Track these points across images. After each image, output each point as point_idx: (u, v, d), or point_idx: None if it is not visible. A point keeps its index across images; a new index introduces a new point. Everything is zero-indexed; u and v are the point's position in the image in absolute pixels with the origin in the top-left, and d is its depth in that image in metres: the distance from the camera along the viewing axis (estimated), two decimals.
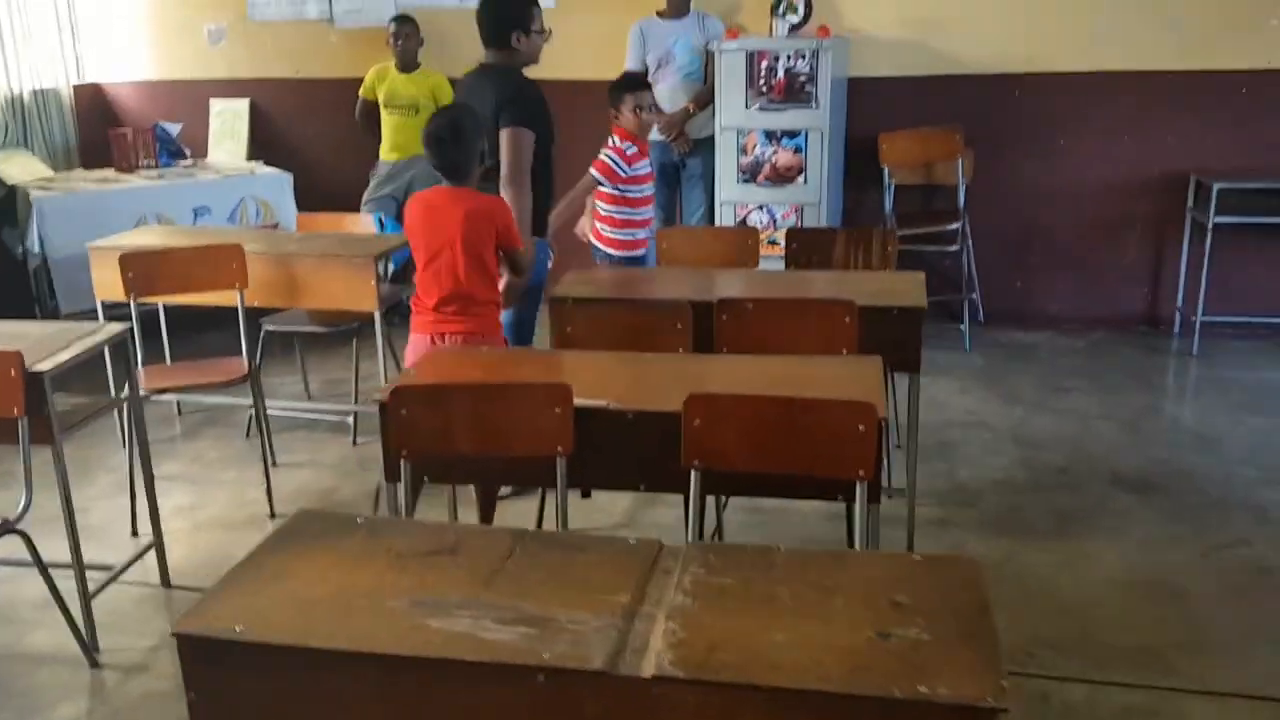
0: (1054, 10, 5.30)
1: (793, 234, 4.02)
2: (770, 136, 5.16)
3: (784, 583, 1.68)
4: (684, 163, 5.50)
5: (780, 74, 5.12)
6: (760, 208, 5.24)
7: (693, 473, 2.30)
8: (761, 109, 5.14)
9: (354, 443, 4.36)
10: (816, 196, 5.10)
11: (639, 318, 3.13)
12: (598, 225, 4.34)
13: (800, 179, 5.12)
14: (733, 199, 5.27)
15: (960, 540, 3.45)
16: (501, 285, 3.30)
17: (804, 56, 5.08)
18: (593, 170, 4.19)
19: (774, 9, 5.42)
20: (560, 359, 2.93)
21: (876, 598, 1.61)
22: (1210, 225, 4.99)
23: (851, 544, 3.06)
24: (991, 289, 5.56)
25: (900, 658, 1.46)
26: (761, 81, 5.14)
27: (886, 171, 5.47)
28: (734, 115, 5.19)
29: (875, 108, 5.55)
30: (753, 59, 5.14)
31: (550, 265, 3.90)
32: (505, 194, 3.44)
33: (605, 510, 3.61)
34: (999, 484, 3.86)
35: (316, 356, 5.21)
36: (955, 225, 5.30)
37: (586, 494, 3.33)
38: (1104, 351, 5.25)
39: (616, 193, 4.22)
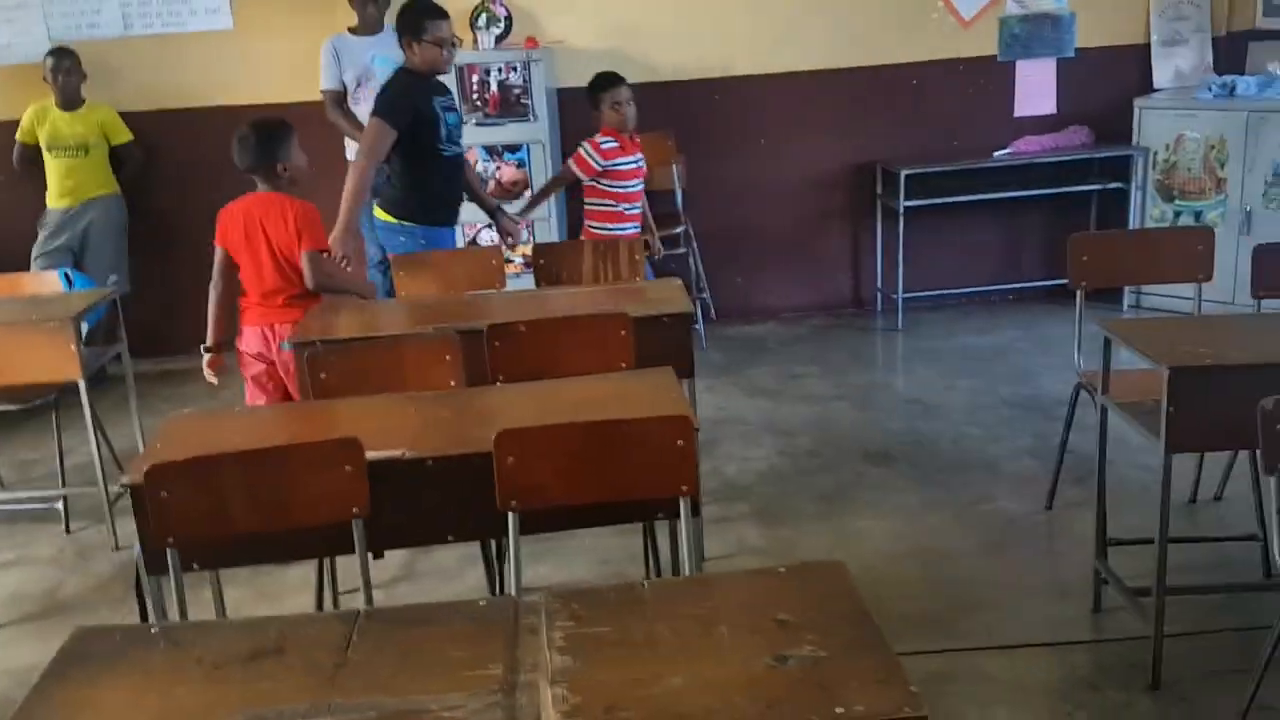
0: (741, 17, 5.55)
1: (540, 250, 3.95)
2: (491, 152, 5.06)
3: (660, 620, 1.60)
4: None
5: (493, 87, 5.02)
6: (490, 226, 5.10)
7: (510, 515, 2.17)
8: (479, 124, 5.03)
9: (67, 530, 3.82)
10: (546, 210, 5.05)
11: (402, 354, 2.94)
12: (585, 222, 4.47)
13: (527, 194, 5.05)
14: (460, 219, 5.09)
15: (743, 536, 3.52)
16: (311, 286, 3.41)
17: (515, 69, 5.02)
18: (569, 162, 4.44)
19: (473, 22, 5.32)
20: (332, 410, 2.68)
21: (759, 620, 1.57)
22: (901, 210, 5.42)
23: (656, 562, 3.07)
24: (717, 287, 5.76)
25: (806, 681, 1.42)
26: (475, 96, 5.01)
27: None
28: None
29: (585, 118, 5.56)
30: (463, 73, 5.00)
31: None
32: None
33: (374, 566, 3.36)
34: (764, 475, 3.99)
35: (1, 438, 4.53)
36: (679, 229, 5.43)
37: (379, 555, 3.08)
38: (824, 336, 5.57)
39: (595, 185, 4.39)
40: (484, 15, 5.24)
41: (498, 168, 5.07)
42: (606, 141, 4.38)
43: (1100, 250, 3.65)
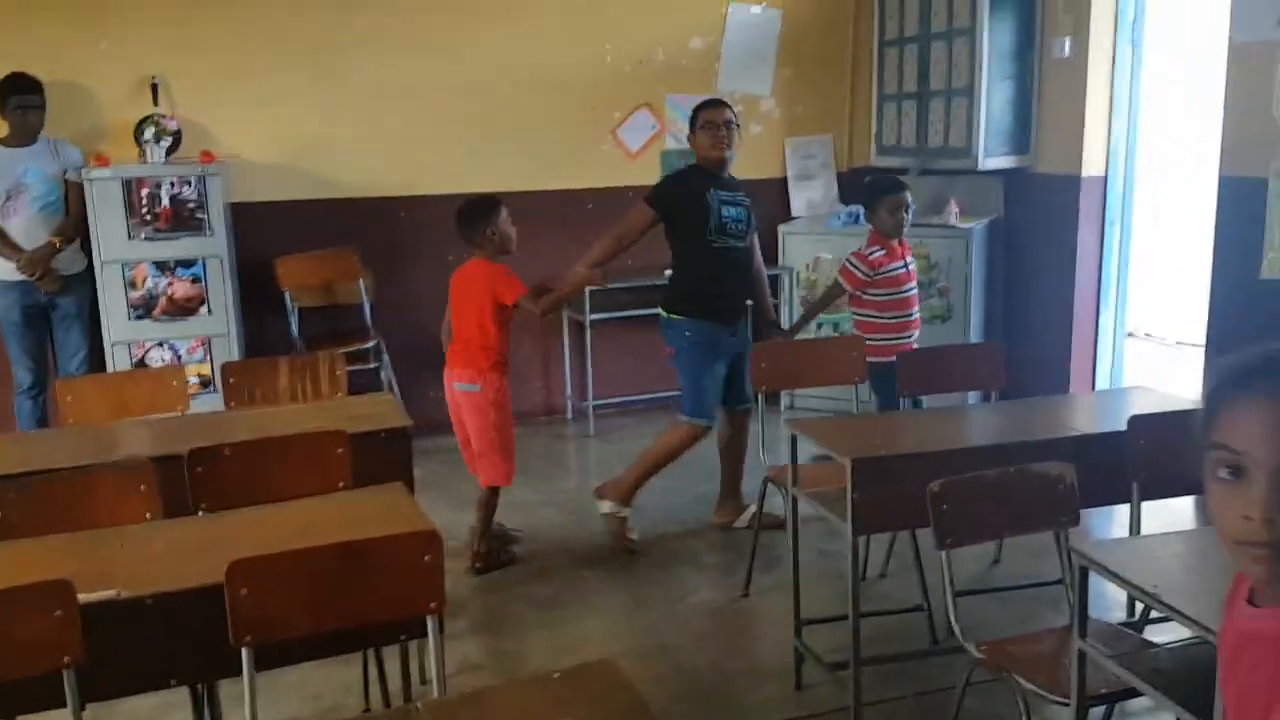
0: (424, 139, 5.65)
1: (230, 368, 3.74)
2: (162, 267, 4.76)
3: None
4: (55, 303, 4.82)
5: (165, 201, 4.75)
6: (161, 344, 4.78)
7: (244, 651, 2.02)
8: (148, 238, 4.74)
9: None
10: (225, 327, 4.81)
11: (91, 486, 2.67)
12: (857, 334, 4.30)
13: (203, 309, 4.79)
14: (126, 338, 4.75)
15: (465, 652, 3.46)
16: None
17: (189, 183, 4.79)
18: (837, 276, 4.31)
19: (138, 136, 5.04)
20: (25, 551, 2.37)
21: None
22: (587, 322, 5.67)
23: (384, 690, 2.94)
24: (413, 400, 5.68)
25: None
26: (144, 210, 4.72)
27: (289, 295, 5.34)
28: (115, 247, 4.71)
29: (264, 231, 5.41)
30: (130, 186, 4.72)
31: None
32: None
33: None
34: (479, 588, 3.95)
35: None
36: (370, 344, 5.35)
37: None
38: (521, 444, 5.57)
39: (861, 296, 4.25)
40: (152, 129, 4.97)
41: (170, 283, 4.78)
42: (874, 251, 4.24)
43: (775, 357, 4.02)
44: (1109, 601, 3.35)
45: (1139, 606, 2.89)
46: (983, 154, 5.39)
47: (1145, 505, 2.89)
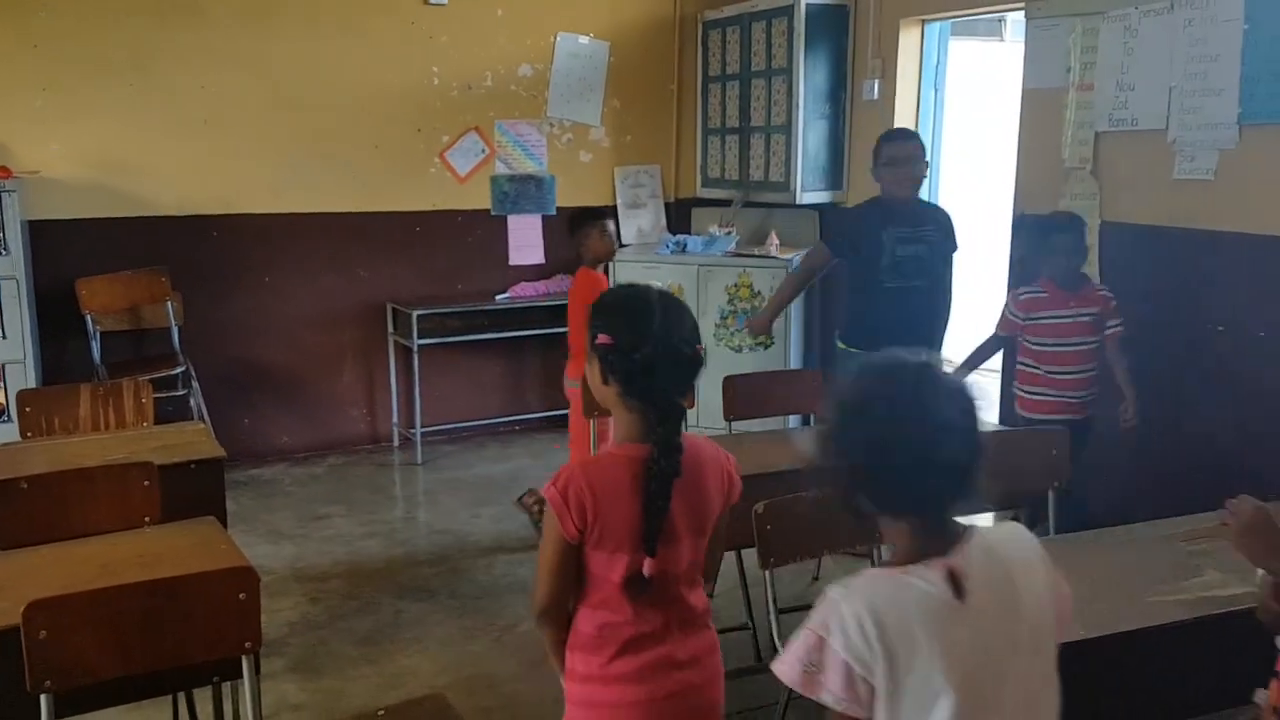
0: (240, 157, 5.44)
1: (26, 396, 3.49)
2: None
3: None
4: None
5: None
6: None
7: (44, 699, 1.89)
8: None
9: None
10: (20, 352, 4.48)
11: None
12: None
13: None
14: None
15: (283, 693, 3.31)
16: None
17: None
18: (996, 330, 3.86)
19: None
20: None
21: None
22: (415, 347, 5.57)
23: None
24: (223, 428, 5.42)
25: None
26: None
27: (90, 318, 5.03)
28: None
29: (65, 251, 5.09)
30: None
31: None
32: None
33: None
34: (296, 625, 3.80)
35: None
36: (178, 369, 5.09)
37: None
38: (343, 474, 5.49)
39: (1022, 342, 3.76)
40: None
41: None
42: (1030, 292, 3.70)
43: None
44: None
45: None
46: (800, 189, 5.62)
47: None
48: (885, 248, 3.88)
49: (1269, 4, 3.61)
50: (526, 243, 6.22)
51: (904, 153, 3.90)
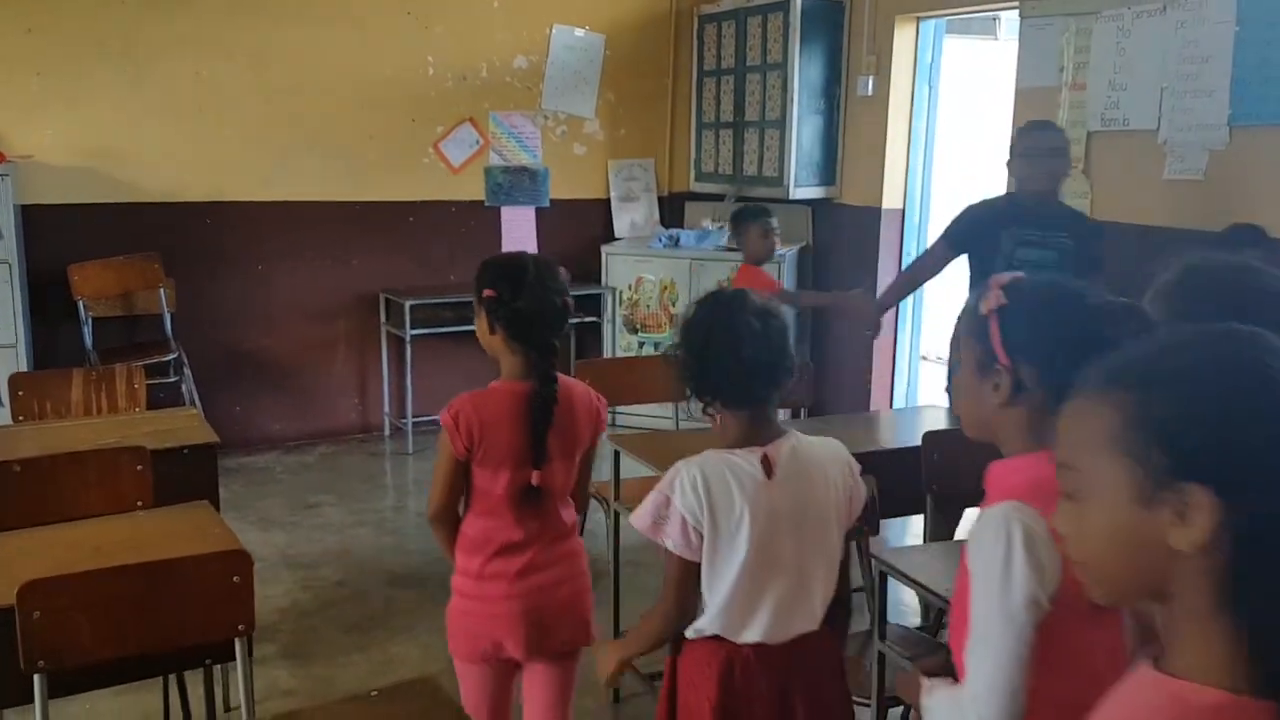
0: (232, 144, 5.44)
1: (18, 379, 3.50)
2: None
3: None
4: None
5: None
6: None
7: (37, 679, 1.90)
8: None
9: None
10: (12, 336, 4.49)
11: None
12: None
13: None
14: None
15: (274, 679, 3.33)
16: None
17: None
18: None
19: None
20: None
21: None
22: (408, 338, 5.58)
23: (186, 716, 2.80)
24: (215, 416, 5.42)
25: None
26: None
27: (82, 305, 5.03)
28: None
29: (58, 237, 5.09)
30: None
31: None
32: None
33: None
34: (287, 612, 3.82)
35: None
36: (170, 356, 5.09)
37: None
38: (334, 463, 5.49)
39: None
40: None
41: None
42: None
43: (600, 375, 4.06)
44: (904, 609, 3.56)
45: (933, 613, 3.08)
46: (793, 184, 5.64)
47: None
48: (1002, 248, 3.53)
49: (1260, 6, 3.65)
50: (520, 234, 6.23)
51: (1042, 144, 3.55)
